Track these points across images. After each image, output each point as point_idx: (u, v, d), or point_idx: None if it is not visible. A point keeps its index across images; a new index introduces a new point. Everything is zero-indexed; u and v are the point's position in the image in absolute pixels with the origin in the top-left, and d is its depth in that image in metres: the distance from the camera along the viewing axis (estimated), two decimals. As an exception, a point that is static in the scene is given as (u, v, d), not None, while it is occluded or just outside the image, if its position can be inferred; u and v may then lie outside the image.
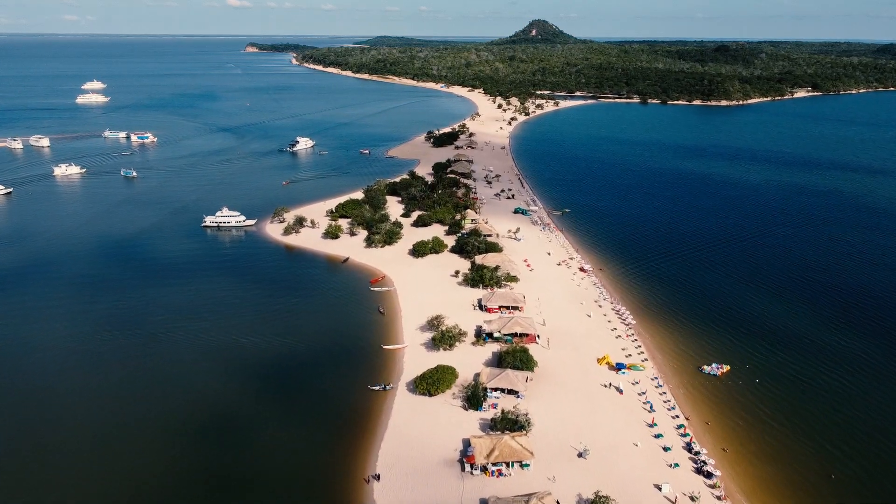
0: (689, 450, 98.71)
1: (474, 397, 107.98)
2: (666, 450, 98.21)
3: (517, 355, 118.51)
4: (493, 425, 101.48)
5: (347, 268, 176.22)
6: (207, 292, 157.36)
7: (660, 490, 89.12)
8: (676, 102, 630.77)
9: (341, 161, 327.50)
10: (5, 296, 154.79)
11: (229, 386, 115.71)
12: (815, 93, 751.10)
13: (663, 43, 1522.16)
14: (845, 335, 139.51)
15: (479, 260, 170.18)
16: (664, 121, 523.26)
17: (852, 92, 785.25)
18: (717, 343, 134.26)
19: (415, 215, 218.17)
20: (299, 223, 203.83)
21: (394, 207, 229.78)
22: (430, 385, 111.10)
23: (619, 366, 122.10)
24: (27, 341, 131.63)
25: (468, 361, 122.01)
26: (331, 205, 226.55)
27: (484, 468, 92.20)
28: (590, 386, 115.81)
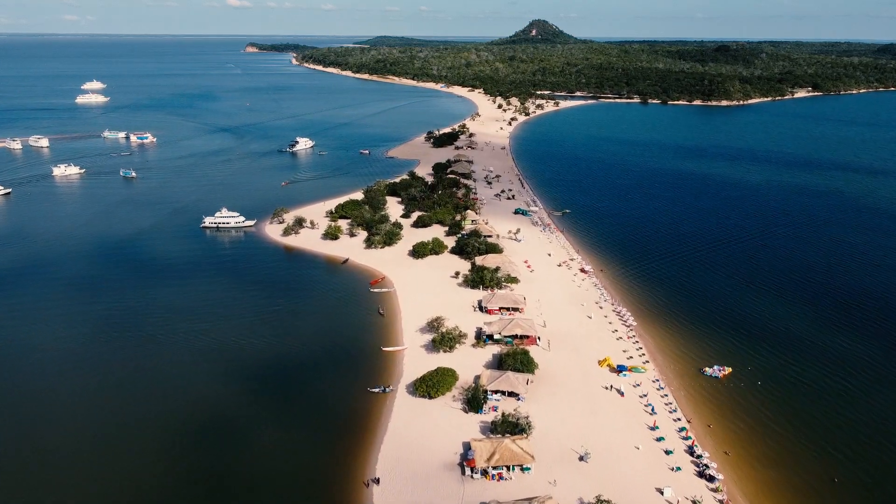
0: (691, 453, 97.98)
1: (475, 400, 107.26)
2: (668, 453, 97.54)
3: (518, 357, 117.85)
4: (494, 428, 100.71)
5: (347, 269, 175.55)
6: (206, 293, 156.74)
7: (662, 494, 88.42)
8: (677, 102, 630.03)
9: (341, 161, 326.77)
10: (4, 296, 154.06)
11: (228, 387, 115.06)
12: (816, 93, 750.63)
13: (663, 43, 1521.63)
14: (847, 337, 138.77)
15: (479, 261, 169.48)
16: (664, 121, 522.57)
17: (853, 92, 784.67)
18: (719, 345, 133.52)
19: (415, 216, 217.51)
20: (299, 224, 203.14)
21: (394, 208, 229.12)
22: (430, 387, 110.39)
23: (621, 368, 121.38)
24: (26, 342, 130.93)
25: (468, 363, 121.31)
26: (330, 205, 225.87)
27: (484, 472, 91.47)
28: (591, 388, 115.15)
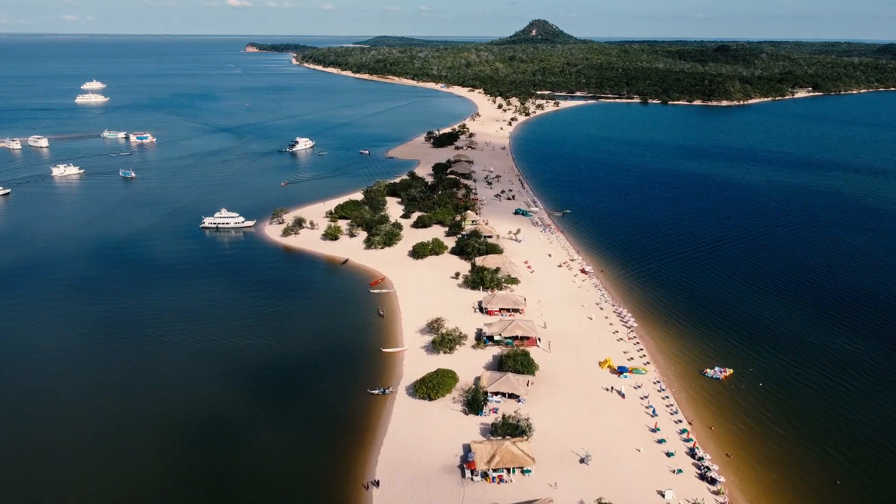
0: (693, 455, 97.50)
1: (475, 401, 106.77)
2: (669, 455, 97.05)
3: (518, 359, 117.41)
4: (494, 430, 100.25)
5: (347, 269, 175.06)
6: (206, 294, 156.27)
7: (663, 497, 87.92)
8: (677, 103, 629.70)
9: (341, 162, 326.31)
10: (4, 297, 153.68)
11: (227, 388, 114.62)
12: (816, 93, 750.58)
13: (663, 43, 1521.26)
14: (848, 338, 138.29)
15: (479, 262, 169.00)
16: (665, 121, 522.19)
17: (853, 92, 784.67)
18: (720, 346, 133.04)
19: (415, 216, 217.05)
20: (298, 224, 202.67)
21: (393, 208, 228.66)
22: (430, 389, 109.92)
23: (621, 369, 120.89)
24: (26, 342, 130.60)
25: (468, 365, 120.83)
26: (330, 206, 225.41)
27: (485, 474, 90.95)
28: (591, 390, 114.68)
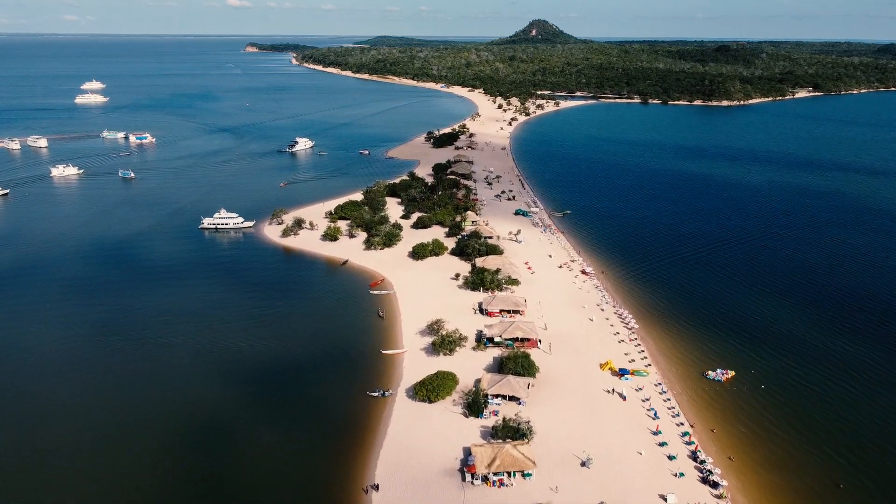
0: (695, 458, 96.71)
1: (475, 404, 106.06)
2: (671, 458, 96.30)
3: (519, 361, 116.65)
4: (495, 433, 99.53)
5: (346, 270, 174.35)
6: (205, 295, 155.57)
7: (665, 501, 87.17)
8: (677, 103, 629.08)
9: (341, 162, 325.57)
10: (3, 298, 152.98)
11: (226, 390, 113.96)
12: (817, 93, 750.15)
13: (663, 43, 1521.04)
14: (850, 339, 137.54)
15: (479, 262, 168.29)
16: (665, 121, 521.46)
17: (853, 92, 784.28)
18: (721, 348, 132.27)
19: (414, 217, 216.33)
20: (298, 225, 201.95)
21: (393, 209, 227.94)
22: (430, 391, 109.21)
23: (622, 371, 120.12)
24: (25, 343, 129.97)
25: (469, 367, 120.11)
26: (330, 206, 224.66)
27: (485, 478, 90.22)
28: (592, 392, 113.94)
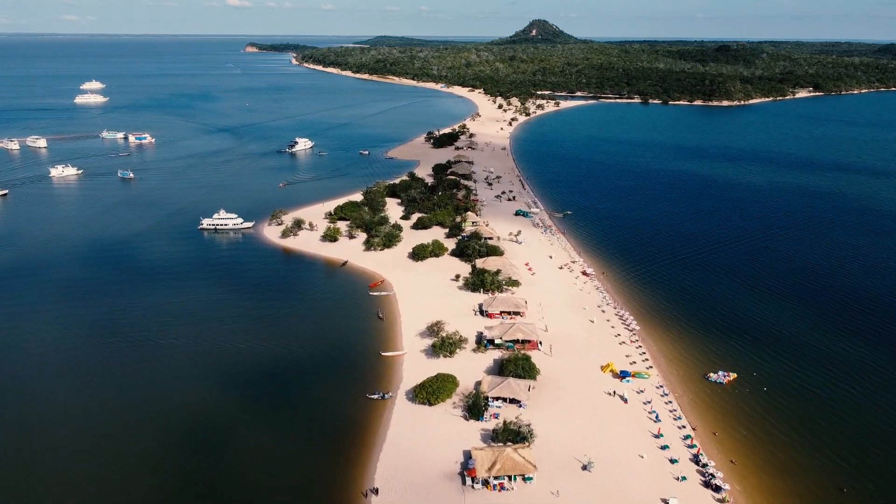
0: (697, 462, 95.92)
1: (475, 407, 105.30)
2: (673, 462, 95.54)
3: (519, 363, 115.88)
4: (495, 436, 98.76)
5: (346, 271, 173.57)
6: (204, 296, 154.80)
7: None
8: (677, 103, 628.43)
9: (340, 162, 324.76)
10: (1, 299, 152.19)
11: (225, 391, 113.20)
12: (817, 93, 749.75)
13: (664, 43, 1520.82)
14: (853, 342, 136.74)
15: (479, 263, 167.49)
16: (665, 121, 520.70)
17: (854, 92, 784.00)
18: (723, 350, 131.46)
19: (414, 218, 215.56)
20: (297, 225, 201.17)
21: (393, 210, 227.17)
22: (430, 394, 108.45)
23: (624, 373, 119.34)
24: (24, 344, 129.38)
25: (469, 369, 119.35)
26: (329, 207, 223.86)
27: (485, 482, 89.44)
28: (594, 395, 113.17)
